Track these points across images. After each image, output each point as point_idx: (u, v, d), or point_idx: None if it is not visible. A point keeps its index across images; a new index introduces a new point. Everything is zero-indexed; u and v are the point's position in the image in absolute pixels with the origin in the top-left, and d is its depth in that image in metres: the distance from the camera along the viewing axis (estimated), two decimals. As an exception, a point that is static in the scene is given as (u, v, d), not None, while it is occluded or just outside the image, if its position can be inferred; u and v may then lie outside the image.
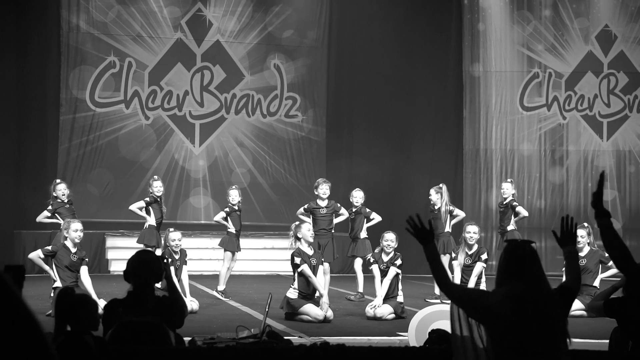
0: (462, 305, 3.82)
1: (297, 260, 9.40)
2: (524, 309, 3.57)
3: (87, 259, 9.63)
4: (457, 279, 10.20)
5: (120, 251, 14.40)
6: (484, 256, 10.25)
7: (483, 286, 10.01)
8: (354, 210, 11.77)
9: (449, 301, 3.97)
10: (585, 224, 10.71)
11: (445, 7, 16.74)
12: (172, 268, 9.38)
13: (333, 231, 11.58)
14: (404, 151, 16.30)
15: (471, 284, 9.95)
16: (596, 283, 10.25)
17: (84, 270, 9.38)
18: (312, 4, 16.70)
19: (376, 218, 11.64)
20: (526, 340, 3.55)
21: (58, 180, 11.74)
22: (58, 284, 9.18)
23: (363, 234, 11.71)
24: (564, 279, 4.03)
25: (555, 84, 16.74)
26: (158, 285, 5.16)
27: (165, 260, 5.02)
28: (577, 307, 10.00)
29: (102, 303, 7.09)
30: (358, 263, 11.55)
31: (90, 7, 15.84)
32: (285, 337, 6.22)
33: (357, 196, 11.79)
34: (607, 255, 10.47)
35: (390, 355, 4.50)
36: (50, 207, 11.23)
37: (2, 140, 15.16)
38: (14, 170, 15.27)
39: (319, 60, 16.76)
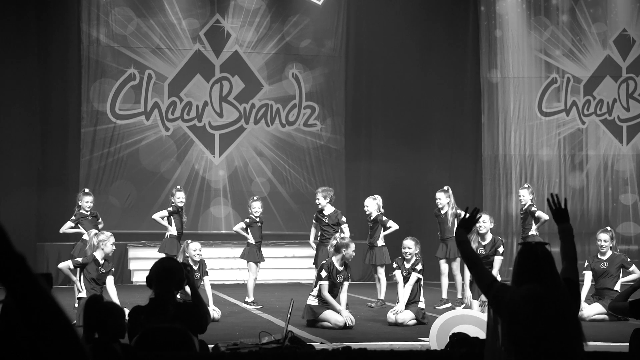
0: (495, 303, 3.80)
1: (323, 274, 9.45)
2: (543, 310, 3.58)
3: (113, 269, 9.66)
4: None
5: (143, 262, 14.50)
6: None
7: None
8: (371, 218, 11.79)
9: (461, 306, 4.00)
10: (608, 228, 10.72)
11: (462, 14, 16.77)
12: (195, 275, 9.45)
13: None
14: (423, 158, 16.31)
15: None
16: (617, 287, 10.22)
17: (109, 280, 9.44)
18: (329, 13, 16.79)
19: (393, 226, 11.65)
20: (546, 341, 3.54)
21: (86, 190, 11.81)
22: (83, 294, 9.21)
23: (380, 242, 11.74)
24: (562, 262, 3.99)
25: (573, 89, 16.72)
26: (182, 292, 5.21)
27: (188, 268, 5.05)
28: (599, 310, 9.99)
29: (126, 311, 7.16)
30: (380, 270, 11.58)
31: (110, 21, 16.00)
32: (308, 343, 6.27)
33: (369, 205, 11.80)
34: (628, 259, 10.54)
35: (412, 358, 4.54)
36: (73, 217, 11.34)
37: (25, 153, 15.30)
38: (36, 183, 15.34)
39: (336, 69, 16.83)
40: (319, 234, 11.51)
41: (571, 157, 16.68)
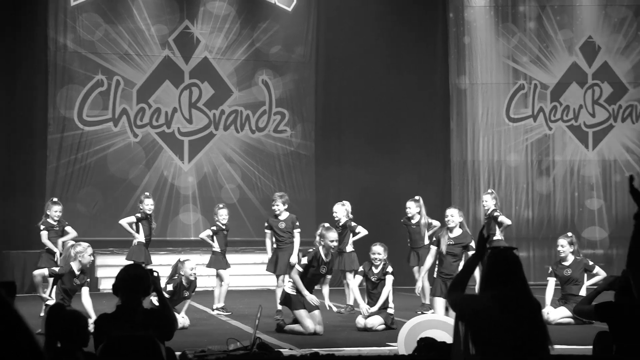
0: (458, 309, 3.81)
1: (303, 261, 9.46)
2: (510, 311, 3.57)
3: (88, 280, 9.39)
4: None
5: (110, 269, 14.34)
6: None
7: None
8: (340, 224, 11.79)
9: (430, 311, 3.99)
10: (569, 234, 10.71)
11: (431, 21, 16.85)
12: (183, 294, 9.42)
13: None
14: (393, 163, 16.31)
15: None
16: (582, 292, 10.25)
17: (85, 292, 9.18)
18: (299, 19, 16.78)
19: (362, 232, 11.65)
20: (511, 342, 3.55)
21: (55, 200, 11.66)
22: (51, 302, 9.05)
23: (349, 248, 11.74)
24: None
25: (540, 95, 16.85)
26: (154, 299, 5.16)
27: (154, 274, 5.04)
28: (564, 314, 10.06)
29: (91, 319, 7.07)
30: (349, 276, 11.58)
31: (77, 27, 15.88)
32: (276, 350, 6.24)
33: (338, 211, 11.76)
34: (591, 263, 10.60)
35: (378, 363, 4.53)
36: (42, 227, 11.18)
37: (-10, 160, 15.15)
38: (2, 191, 15.13)
39: (306, 76, 16.83)
40: (274, 240, 11.34)
41: (538, 162, 16.77)
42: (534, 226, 16.50)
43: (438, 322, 7.00)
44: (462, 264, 9.76)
